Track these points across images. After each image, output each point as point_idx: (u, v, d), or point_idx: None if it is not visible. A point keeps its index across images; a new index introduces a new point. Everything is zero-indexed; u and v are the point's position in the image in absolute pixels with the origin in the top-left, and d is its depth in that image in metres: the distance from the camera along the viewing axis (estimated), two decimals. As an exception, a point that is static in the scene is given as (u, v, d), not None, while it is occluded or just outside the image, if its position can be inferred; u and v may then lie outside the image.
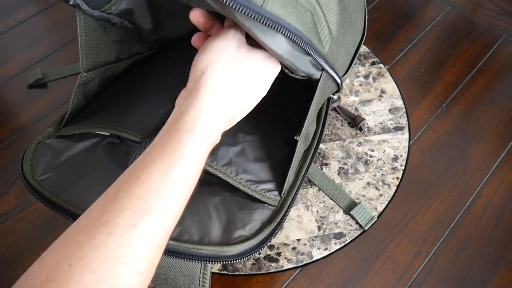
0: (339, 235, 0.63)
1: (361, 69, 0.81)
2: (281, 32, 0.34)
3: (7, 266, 0.61)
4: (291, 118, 0.57)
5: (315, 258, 0.61)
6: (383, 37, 0.86)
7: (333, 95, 0.55)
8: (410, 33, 0.87)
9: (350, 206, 0.65)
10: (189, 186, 0.34)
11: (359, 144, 0.72)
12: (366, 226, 0.63)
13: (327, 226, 0.64)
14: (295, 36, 0.35)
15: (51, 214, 0.65)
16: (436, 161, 0.70)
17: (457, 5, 0.91)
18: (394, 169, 0.69)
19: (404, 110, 0.76)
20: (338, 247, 0.62)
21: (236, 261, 0.45)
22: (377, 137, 0.72)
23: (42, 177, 0.50)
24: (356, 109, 0.76)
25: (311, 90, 0.45)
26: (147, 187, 0.32)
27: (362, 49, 0.84)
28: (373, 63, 0.82)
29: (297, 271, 0.61)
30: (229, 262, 0.45)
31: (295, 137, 0.47)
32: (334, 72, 0.44)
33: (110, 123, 0.51)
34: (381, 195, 0.67)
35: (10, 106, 0.78)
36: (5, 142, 0.74)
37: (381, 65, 0.81)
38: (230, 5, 0.31)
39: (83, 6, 0.44)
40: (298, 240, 0.63)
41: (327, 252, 0.62)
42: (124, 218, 0.31)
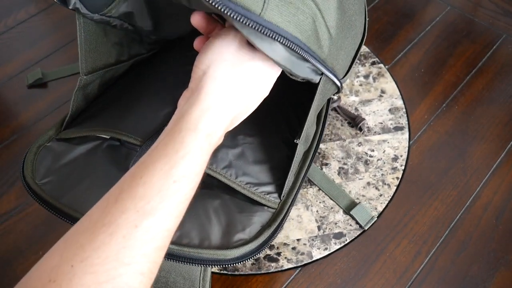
0: (339, 235, 0.63)
1: (361, 69, 0.81)
2: (278, 40, 0.34)
3: (7, 266, 0.61)
4: (291, 120, 0.57)
5: (315, 258, 0.61)
6: (383, 37, 0.86)
7: (333, 95, 0.55)
8: (410, 33, 0.87)
9: (350, 206, 0.65)
10: (192, 186, 0.34)
11: (359, 144, 0.72)
12: (366, 226, 0.63)
13: (327, 226, 0.64)
14: (293, 44, 0.35)
15: (51, 214, 0.65)
16: (436, 161, 0.70)
17: (457, 5, 0.91)
18: (394, 169, 0.69)
19: (404, 110, 0.76)
20: (338, 247, 0.62)
21: (236, 264, 0.45)
22: (377, 137, 0.72)
23: (43, 180, 0.50)
24: (356, 109, 0.76)
25: (311, 91, 0.45)
26: (149, 187, 0.32)
27: (362, 49, 0.84)
28: (373, 63, 0.82)
29: (297, 271, 0.61)
30: (228, 265, 0.45)
31: (295, 140, 0.47)
32: (334, 76, 0.44)
33: (110, 126, 0.51)
34: (381, 195, 0.67)
35: (10, 106, 0.78)
36: (5, 142, 0.74)
37: (381, 65, 0.81)
38: (228, 14, 0.31)
39: (83, 10, 0.44)
40: (298, 240, 0.63)
41: (327, 252, 0.62)
42: (127, 219, 0.31)
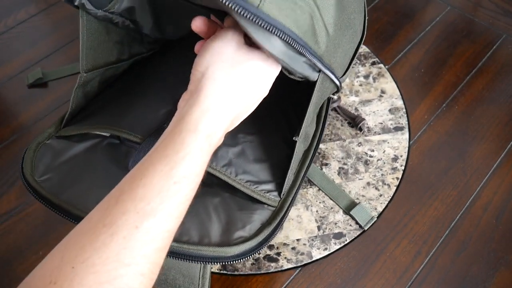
0: (339, 235, 0.63)
1: (361, 69, 0.81)
2: (275, 33, 0.34)
3: (7, 266, 0.61)
4: (291, 119, 0.57)
5: (314, 258, 0.61)
6: (383, 37, 0.86)
7: (333, 95, 0.55)
8: (410, 33, 0.87)
9: (350, 206, 0.65)
10: (192, 187, 0.34)
11: (359, 144, 0.72)
12: (365, 226, 0.63)
13: (327, 226, 0.64)
14: (289, 38, 0.35)
15: (51, 214, 0.64)
16: (436, 161, 0.70)
17: (457, 5, 0.91)
18: (394, 169, 0.69)
19: (404, 110, 0.76)
20: (338, 247, 0.62)
21: (236, 261, 0.45)
22: (377, 137, 0.72)
23: (42, 178, 0.50)
24: (356, 109, 0.76)
25: (311, 91, 0.45)
26: (149, 188, 0.32)
27: (362, 49, 0.84)
28: (373, 63, 0.82)
29: (297, 271, 0.61)
30: (228, 263, 0.45)
31: (293, 138, 0.47)
32: (331, 73, 0.44)
33: (110, 124, 0.51)
34: (381, 195, 0.67)
35: (10, 106, 0.78)
36: (5, 142, 0.74)
37: (381, 65, 0.81)
38: (227, 4, 0.31)
39: (88, 5, 0.44)
40: (298, 240, 0.63)
41: (327, 252, 0.62)
42: (127, 220, 0.31)
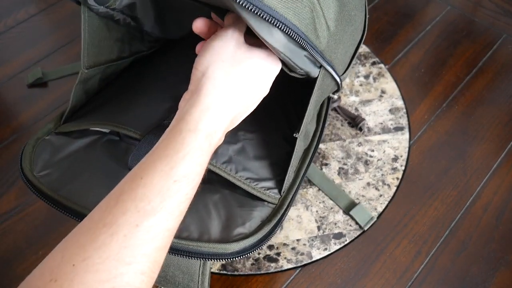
0: (339, 235, 0.63)
1: (361, 69, 0.81)
2: (277, 26, 0.34)
3: (7, 266, 0.61)
4: (291, 117, 0.57)
5: (314, 258, 0.61)
6: (383, 37, 0.86)
7: (333, 94, 0.55)
8: (410, 33, 0.87)
9: (350, 206, 0.65)
10: (192, 186, 0.34)
11: (359, 144, 0.72)
12: (365, 227, 0.63)
13: (327, 226, 0.64)
14: (290, 30, 0.35)
15: (51, 214, 0.65)
16: (436, 161, 0.70)
17: (457, 5, 0.91)
18: (394, 169, 0.69)
19: (404, 110, 0.75)
20: (337, 247, 0.62)
21: (236, 259, 0.45)
22: (377, 137, 0.72)
23: (41, 173, 0.50)
24: (356, 109, 0.75)
25: (311, 89, 0.45)
26: (150, 188, 0.32)
27: (362, 49, 0.84)
28: (373, 63, 0.82)
29: (297, 271, 0.61)
30: (228, 260, 0.45)
31: (294, 135, 0.47)
32: (332, 69, 0.44)
33: (110, 120, 0.51)
34: (381, 195, 0.66)
35: (10, 106, 0.78)
36: (5, 142, 0.74)
37: (381, 65, 0.81)
38: None
39: (90, 1, 0.44)
40: (298, 240, 0.63)
41: (327, 252, 0.62)
42: (127, 219, 0.31)
